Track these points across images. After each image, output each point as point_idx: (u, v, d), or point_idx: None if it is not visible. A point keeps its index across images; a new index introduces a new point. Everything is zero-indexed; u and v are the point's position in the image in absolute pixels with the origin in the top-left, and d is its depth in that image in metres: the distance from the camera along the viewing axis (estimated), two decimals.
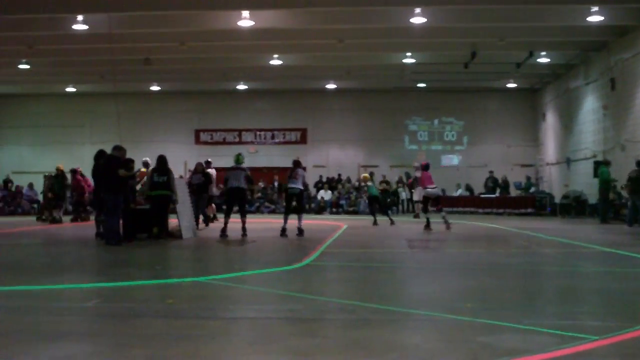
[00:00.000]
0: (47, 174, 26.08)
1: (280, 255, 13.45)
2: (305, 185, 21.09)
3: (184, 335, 5.87)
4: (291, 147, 37.17)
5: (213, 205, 23.09)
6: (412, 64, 29.30)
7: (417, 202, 23.61)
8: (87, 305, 7.50)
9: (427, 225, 19.71)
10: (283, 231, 17.11)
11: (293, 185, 17.51)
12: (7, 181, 34.18)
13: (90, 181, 21.38)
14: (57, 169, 25.16)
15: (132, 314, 6.92)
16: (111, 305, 7.47)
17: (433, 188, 20.01)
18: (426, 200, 20.27)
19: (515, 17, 22.46)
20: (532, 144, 36.58)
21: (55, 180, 24.91)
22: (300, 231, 17.23)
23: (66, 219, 24.40)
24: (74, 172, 24.44)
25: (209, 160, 23.41)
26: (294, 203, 17.72)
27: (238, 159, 17.62)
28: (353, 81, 34.90)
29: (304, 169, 19.70)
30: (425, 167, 20.46)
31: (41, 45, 26.46)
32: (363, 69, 31.92)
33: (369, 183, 23.27)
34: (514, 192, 33.10)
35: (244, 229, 17.03)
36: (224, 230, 16.72)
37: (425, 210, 20.36)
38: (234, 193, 17.07)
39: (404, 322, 6.57)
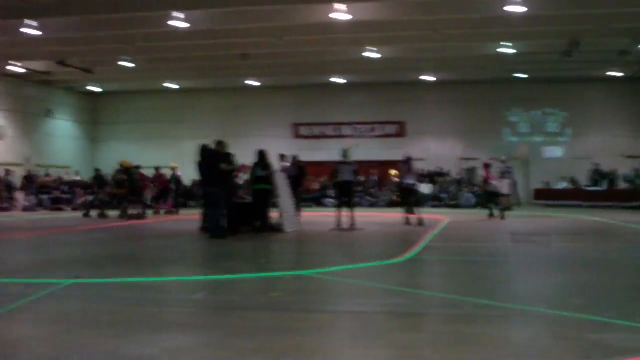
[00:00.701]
0: (117, 169, 24.99)
1: (382, 249, 13.44)
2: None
3: (289, 328, 5.92)
4: (389, 141, 37.06)
5: None
6: (510, 54, 28.69)
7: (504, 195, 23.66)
8: (194, 298, 7.65)
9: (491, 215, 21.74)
10: (407, 220, 19.08)
11: (409, 181, 19.41)
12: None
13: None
14: (123, 165, 24.34)
15: (238, 306, 7.02)
16: (217, 298, 7.60)
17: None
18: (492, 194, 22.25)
19: (618, 1, 21.71)
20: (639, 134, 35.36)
21: (128, 176, 23.84)
22: (420, 221, 18.62)
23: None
24: (137, 168, 24.60)
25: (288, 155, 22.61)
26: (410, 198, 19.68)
27: (346, 153, 18.24)
28: (450, 72, 34.49)
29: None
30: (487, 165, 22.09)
31: (142, 42, 27.15)
32: (460, 59, 31.50)
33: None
34: (620, 185, 32.09)
35: (352, 220, 17.49)
36: (338, 224, 17.34)
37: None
38: (344, 186, 17.81)
39: (510, 318, 6.45)
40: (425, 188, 28.26)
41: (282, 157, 20.05)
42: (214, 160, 14.87)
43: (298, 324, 6.08)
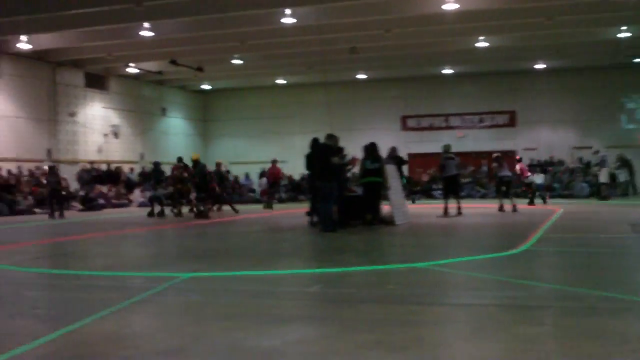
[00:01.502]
0: (178, 164, 24.06)
1: (496, 240, 13.24)
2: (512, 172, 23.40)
3: (407, 321, 5.90)
4: (499, 131, 36.46)
5: None
6: (627, 38, 27.67)
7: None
8: (310, 290, 7.72)
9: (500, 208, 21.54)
10: (500, 208, 21.30)
11: (505, 173, 21.74)
12: (227, 171, 36.15)
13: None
14: (195, 160, 23.13)
15: (354, 299, 7.04)
16: (333, 291, 7.63)
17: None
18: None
19: None
20: None
21: (197, 171, 22.57)
22: (515, 208, 20.95)
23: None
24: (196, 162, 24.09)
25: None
26: (503, 188, 21.75)
27: (447, 148, 20.34)
28: (563, 60, 33.57)
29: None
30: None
31: (252, 40, 27.63)
32: (574, 46, 30.63)
33: None
34: None
35: (459, 209, 19.60)
36: (445, 212, 19.55)
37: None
38: (450, 180, 19.98)
39: (637, 312, 6.22)
40: (537, 178, 27.62)
41: (393, 149, 19.91)
42: (325, 154, 14.95)
43: (416, 317, 6.05)
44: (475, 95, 37.25)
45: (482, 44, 28.30)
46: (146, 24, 24.70)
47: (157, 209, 22.73)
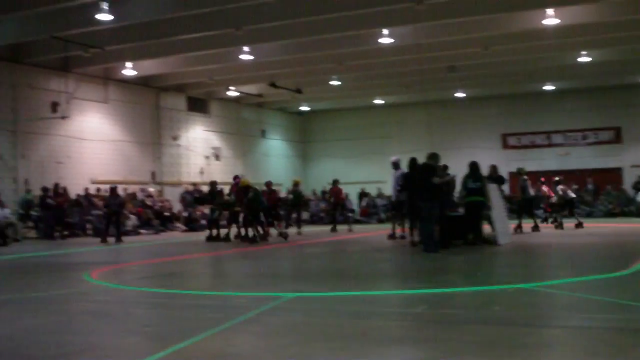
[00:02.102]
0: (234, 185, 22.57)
1: (603, 261, 12.83)
2: None
3: (516, 344, 5.73)
4: (604, 148, 35.39)
5: None
6: None
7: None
8: (415, 311, 7.62)
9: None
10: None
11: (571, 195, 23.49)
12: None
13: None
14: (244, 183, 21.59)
15: (460, 320, 6.92)
16: (438, 312, 7.52)
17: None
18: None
19: None
20: None
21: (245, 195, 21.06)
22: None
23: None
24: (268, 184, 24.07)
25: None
26: None
27: (521, 171, 22.38)
28: None
29: None
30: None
31: (350, 61, 27.76)
32: None
33: None
34: None
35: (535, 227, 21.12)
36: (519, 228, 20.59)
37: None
38: (530, 201, 21.89)
39: None
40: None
41: (494, 168, 19.53)
42: (426, 173, 14.82)
43: (525, 340, 5.88)
44: (578, 111, 36.23)
45: (584, 58, 27.57)
46: (246, 48, 25.16)
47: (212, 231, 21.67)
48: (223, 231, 21.76)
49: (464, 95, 36.45)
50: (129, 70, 27.75)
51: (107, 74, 29.09)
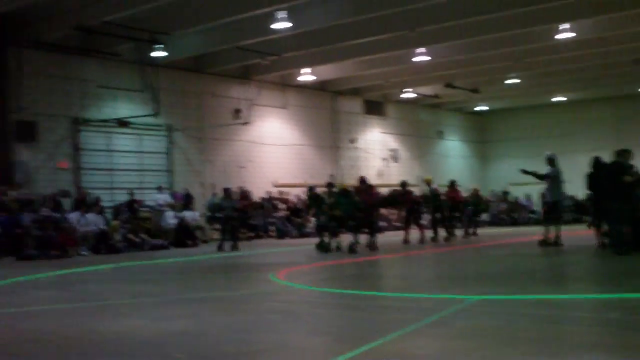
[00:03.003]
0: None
1: None
2: None
3: None
4: None
5: None
6: None
7: None
8: (608, 317, 7.29)
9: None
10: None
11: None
12: (505, 192, 35.77)
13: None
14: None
15: None
16: (634, 318, 7.15)
17: None
18: None
19: None
20: None
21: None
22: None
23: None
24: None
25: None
26: None
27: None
28: None
29: None
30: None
31: (529, 58, 27.07)
32: None
33: None
34: None
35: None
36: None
37: None
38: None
39: None
40: None
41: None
42: (615, 172, 14.14)
43: None
44: None
45: None
46: (421, 49, 25.10)
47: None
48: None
49: None
50: (306, 75, 28.46)
51: (285, 80, 29.95)
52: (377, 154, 34.91)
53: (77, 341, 6.62)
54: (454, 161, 39.66)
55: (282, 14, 20.17)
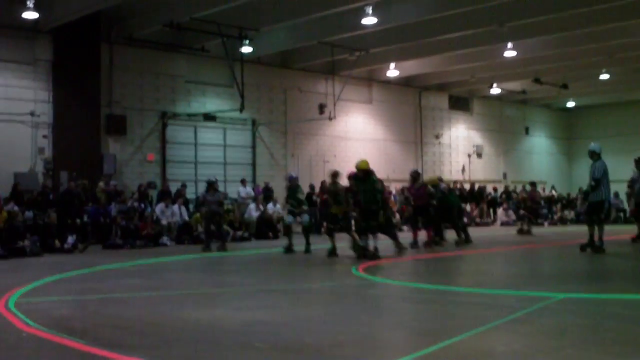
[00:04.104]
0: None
1: None
2: None
3: None
4: None
5: None
6: None
7: None
8: None
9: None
10: None
11: None
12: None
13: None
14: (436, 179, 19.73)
15: None
16: None
17: None
18: None
19: None
20: None
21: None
22: None
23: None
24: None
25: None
26: None
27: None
28: None
29: None
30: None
31: (621, 53, 26.35)
32: None
33: None
34: None
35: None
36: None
37: None
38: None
39: None
40: None
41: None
42: None
43: None
44: None
45: None
46: (510, 44, 24.74)
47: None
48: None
49: None
50: (392, 71, 28.39)
51: (371, 76, 29.94)
52: (462, 149, 34.56)
53: (160, 328, 6.78)
54: (539, 158, 38.94)
55: (369, 9, 20.18)
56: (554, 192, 35.11)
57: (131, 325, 6.93)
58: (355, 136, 29.50)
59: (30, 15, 19.30)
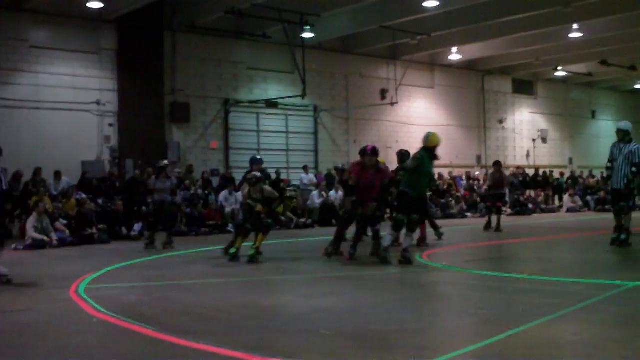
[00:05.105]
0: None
1: None
2: None
3: None
4: None
5: None
6: None
7: None
8: None
9: None
10: None
11: None
12: None
13: None
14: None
15: None
16: None
17: None
18: None
19: None
20: None
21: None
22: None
23: None
24: None
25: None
26: None
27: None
28: None
29: None
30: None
31: None
32: None
33: None
34: None
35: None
36: None
37: None
38: None
39: None
40: None
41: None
42: None
43: None
44: None
45: None
46: (575, 26, 24.26)
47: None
48: None
49: None
50: (454, 55, 28.14)
51: (433, 60, 29.69)
52: (526, 134, 34.06)
53: (226, 315, 6.83)
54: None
55: None
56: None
57: (198, 312, 7.01)
58: (418, 122, 29.25)
59: (95, 5, 19.69)
